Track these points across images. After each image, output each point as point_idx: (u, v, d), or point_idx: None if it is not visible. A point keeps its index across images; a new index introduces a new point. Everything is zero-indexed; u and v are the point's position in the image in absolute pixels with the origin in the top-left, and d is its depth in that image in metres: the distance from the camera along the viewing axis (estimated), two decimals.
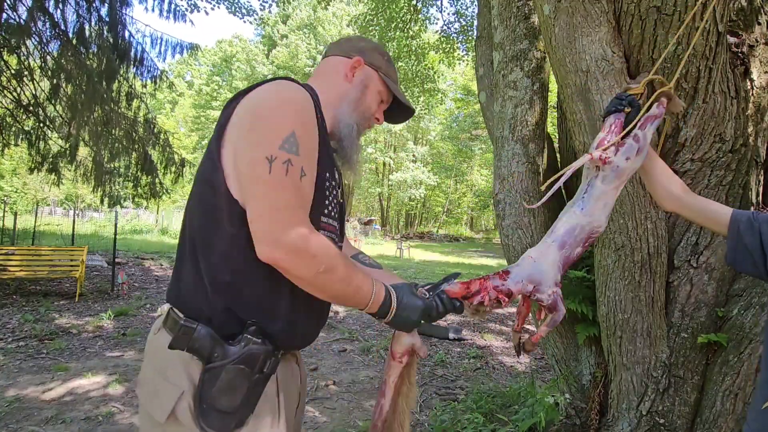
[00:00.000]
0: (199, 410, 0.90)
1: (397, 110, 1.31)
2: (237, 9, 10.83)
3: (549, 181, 1.30)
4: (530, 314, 1.28)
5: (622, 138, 1.27)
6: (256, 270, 0.95)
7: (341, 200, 1.16)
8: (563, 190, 2.94)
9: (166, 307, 1.01)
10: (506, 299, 1.11)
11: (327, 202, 1.05)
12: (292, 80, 1.04)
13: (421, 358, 1.26)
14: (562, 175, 1.24)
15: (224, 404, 0.90)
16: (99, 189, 8.43)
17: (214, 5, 10.53)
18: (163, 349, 0.94)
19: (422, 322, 1.09)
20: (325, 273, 0.92)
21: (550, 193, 1.22)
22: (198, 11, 10.69)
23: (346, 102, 1.16)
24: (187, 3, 9.51)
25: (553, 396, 2.75)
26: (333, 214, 1.08)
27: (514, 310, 7.04)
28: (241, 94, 1.01)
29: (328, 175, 1.04)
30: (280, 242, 0.88)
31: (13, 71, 7.54)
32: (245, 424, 0.94)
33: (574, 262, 1.24)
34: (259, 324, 0.95)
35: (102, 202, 8.92)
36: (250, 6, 11.12)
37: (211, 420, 0.90)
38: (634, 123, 1.28)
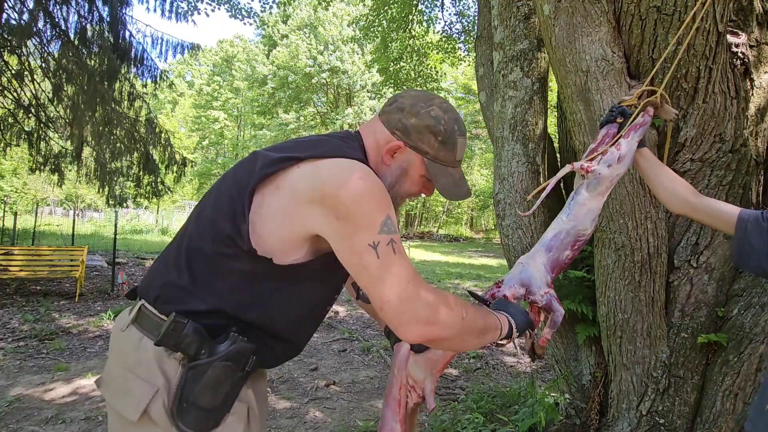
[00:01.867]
0: (178, 408, 0.88)
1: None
2: (237, 12, 10.84)
3: (535, 192, 1.35)
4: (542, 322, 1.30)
5: (610, 146, 1.33)
6: (260, 302, 0.96)
7: None
8: (563, 192, 2.94)
9: (137, 305, 0.99)
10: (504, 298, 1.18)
11: None
12: (352, 156, 0.99)
13: (428, 410, 1.25)
14: (546, 185, 1.32)
15: (207, 402, 0.89)
16: (103, 189, 8.43)
17: (215, 7, 10.54)
18: (134, 346, 0.93)
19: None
20: (466, 316, 0.95)
21: (538, 203, 1.29)
22: (198, 13, 10.70)
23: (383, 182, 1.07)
24: (188, 5, 9.51)
25: (553, 396, 2.75)
26: None
27: None
28: (295, 159, 0.95)
29: None
30: (422, 318, 0.89)
31: (13, 71, 7.54)
32: (222, 423, 0.93)
33: (566, 265, 1.28)
34: (242, 334, 0.95)
35: (108, 202, 8.92)
36: (251, 8, 11.12)
37: (188, 418, 0.89)
38: (619, 133, 1.35)
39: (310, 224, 0.92)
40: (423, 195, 1.16)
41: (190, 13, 9.51)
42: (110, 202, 8.82)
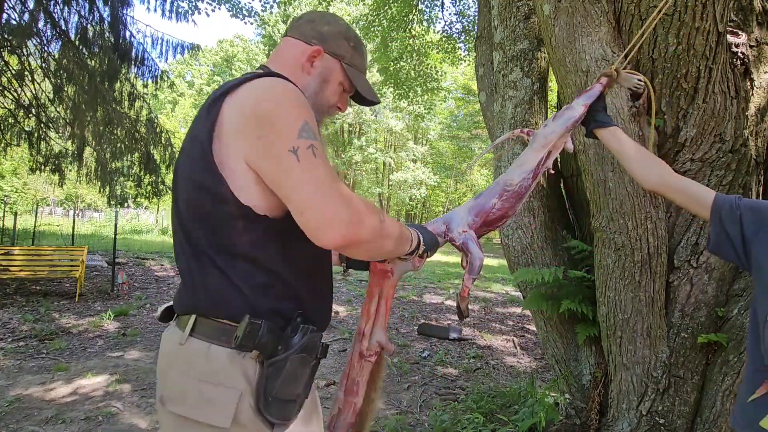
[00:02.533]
0: (264, 404, 0.90)
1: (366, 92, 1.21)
2: (238, 11, 10.84)
3: (476, 159, 1.45)
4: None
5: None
6: (291, 264, 0.96)
7: None
8: (563, 191, 2.94)
9: (190, 318, 0.97)
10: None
11: None
12: (274, 74, 0.99)
13: (390, 355, 1.29)
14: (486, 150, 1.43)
15: (288, 393, 0.92)
16: (104, 189, 8.43)
17: (215, 7, 10.54)
18: (202, 355, 0.92)
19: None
20: (384, 221, 0.95)
21: (473, 163, 1.40)
22: (199, 13, 10.71)
23: (305, 94, 1.06)
24: (188, 4, 9.51)
25: (553, 396, 2.75)
26: None
27: (513, 310, 7.04)
28: (222, 96, 0.94)
29: None
30: (344, 220, 0.85)
31: (13, 71, 7.55)
32: (303, 408, 0.98)
33: (494, 216, 1.30)
34: (304, 311, 0.97)
35: (108, 202, 8.91)
36: (251, 7, 11.13)
37: (275, 411, 0.91)
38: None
39: (243, 153, 0.90)
40: (338, 111, 1.18)
41: (190, 12, 9.50)
42: (111, 202, 8.81)
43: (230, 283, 0.93)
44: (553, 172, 1.48)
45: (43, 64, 7.65)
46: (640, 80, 1.56)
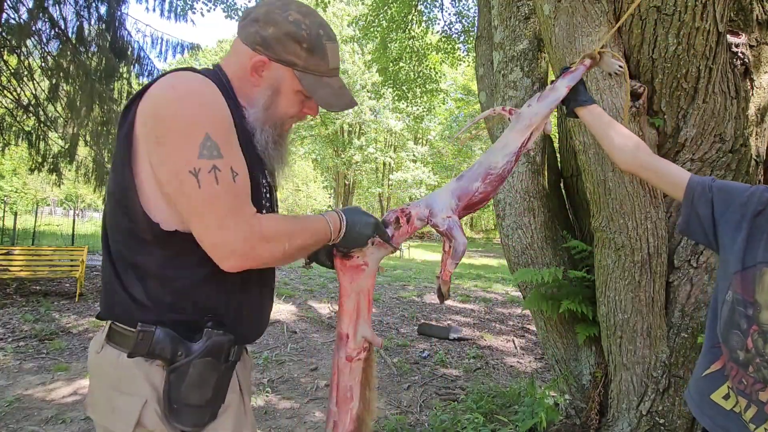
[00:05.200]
0: (170, 411, 0.88)
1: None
2: (233, 12, 10.83)
3: (461, 131, 1.47)
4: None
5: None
6: (199, 283, 0.93)
7: (269, 204, 1.06)
8: (563, 191, 2.94)
9: (107, 325, 0.97)
10: (404, 219, 1.21)
11: (260, 206, 0.98)
12: (192, 69, 0.92)
13: (378, 347, 1.22)
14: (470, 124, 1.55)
15: (196, 399, 0.89)
16: (101, 189, 8.42)
17: (211, 7, 10.54)
18: (113, 364, 0.92)
19: (375, 236, 1.11)
20: (290, 246, 0.92)
21: (460, 134, 1.36)
22: (194, 12, 10.69)
23: (255, 107, 0.99)
24: (184, 3, 9.50)
25: (553, 396, 2.75)
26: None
27: (513, 311, 7.04)
28: (137, 97, 0.89)
29: (256, 173, 0.98)
30: (238, 251, 0.86)
31: (12, 71, 7.54)
32: (218, 416, 0.94)
33: (476, 199, 1.28)
34: (222, 321, 0.94)
35: (104, 202, 8.89)
36: (246, 8, 11.09)
37: (184, 418, 0.89)
38: (555, 79, 1.42)
39: (150, 160, 0.85)
40: (309, 116, 1.08)
41: (187, 10, 9.49)
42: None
43: (137, 294, 0.91)
44: (531, 152, 1.47)
45: (43, 64, 7.64)
46: (621, 66, 1.56)
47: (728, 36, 1.99)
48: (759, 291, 0.98)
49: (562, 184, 2.92)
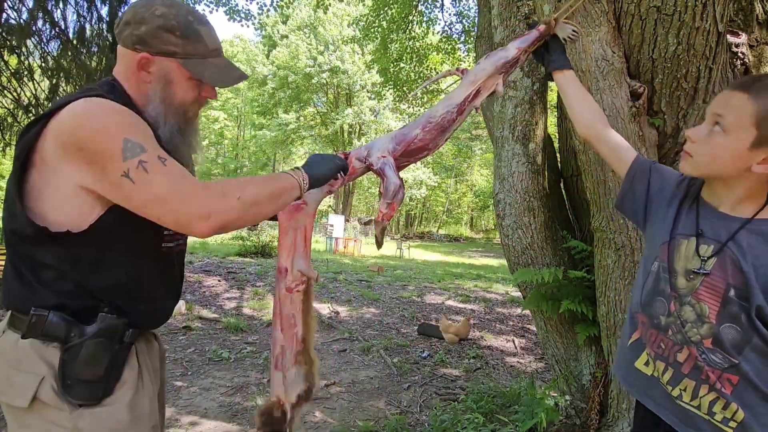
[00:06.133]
0: (63, 386, 0.96)
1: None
2: (235, 14, 10.84)
3: (416, 90, 1.54)
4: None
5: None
6: (96, 276, 0.99)
7: None
8: (563, 191, 2.94)
9: (8, 314, 1.04)
10: (345, 157, 1.28)
11: None
12: (90, 93, 0.98)
13: (315, 281, 1.31)
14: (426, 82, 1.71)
15: (89, 375, 0.97)
16: None
17: (213, 9, 10.54)
18: (12, 347, 0.99)
19: (338, 175, 1.21)
20: (242, 196, 0.97)
21: (417, 92, 1.45)
22: None
23: (153, 103, 1.05)
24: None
25: (553, 396, 2.75)
26: None
27: (513, 311, 7.03)
28: (44, 117, 0.95)
29: None
30: (196, 214, 0.91)
31: (12, 71, 7.54)
32: (113, 392, 1.01)
33: (413, 143, 1.33)
34: (119, 309, 1.01)
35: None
36: (248, 10, 11.12)
37: (77, 392, 0.96)
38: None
39: (76, 180, 0.93)
40: (210, 99, 1.15)
41: None
42: None
43: (34, 285, 0.98)
44: (478, 109, 1.50)
45: (43, 64, 7.64)
46: (575, 31, 1.59)
47: (728, 36, 1.99)
48: (677, 260, 1.07)
49: (562, 184, 2.92)
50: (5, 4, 6.97)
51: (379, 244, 1.34)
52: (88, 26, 7.72)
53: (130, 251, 1.03)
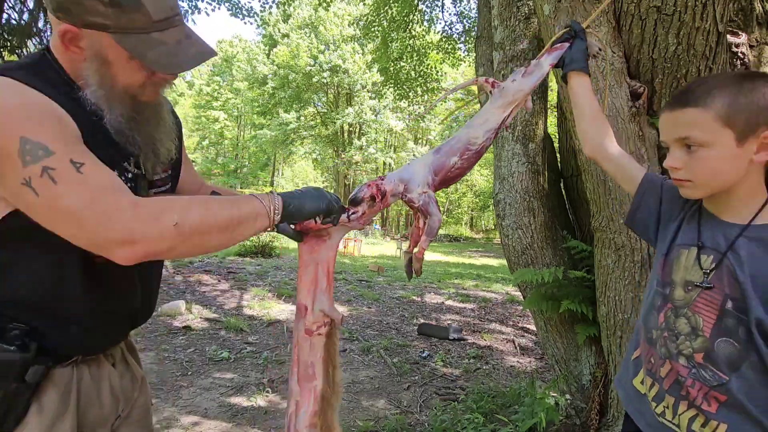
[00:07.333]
0: None
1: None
2: (238, 11, 10.85)
3: (439, 97, 1.47)
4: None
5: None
6: (9, 291, 0.84)
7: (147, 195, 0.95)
8: (563, 191, 2.94)
9: None
10: (379, 196, 1.13)
11: None
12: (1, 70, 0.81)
13: (340, 325, 1.13)
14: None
15: None
16: None
17: (215, 6, 10.55)
18: None
19: (329, 215, 1.02)
20: (181, 221, 0.78)
21: (437, 101, 1.35)
22: (198, 13, 10.71)
23: (91, 85, 0.84)
24: (188, 4, 9.51)
25: (553, 396, 2.75)
26: None
27: (513, 311, 7.04)
28: None
29: (115, 162, 0.87)
30: (113, 238, 0.74)
31: None
32: None
33: (453, 174, 1.23)
34: (31, 329, 0.84)
35: None
36: (251, 7, 11.15)
37: None
38: (540, 54, 1.39)
39: None
40: (169, 83, 0.92)
41: (190, 12, 9.50)
42: None
43: None
44: (508, 128, 1.42)
45: None
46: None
47: (728, 36, 1.99)
48: (675, 271, 1.04)
49: (562, 184, 2.92)
50: (5, 4, 6.97)
51: (417, 275, 1.21)
52: None
53: (47, 258, 0.84)
